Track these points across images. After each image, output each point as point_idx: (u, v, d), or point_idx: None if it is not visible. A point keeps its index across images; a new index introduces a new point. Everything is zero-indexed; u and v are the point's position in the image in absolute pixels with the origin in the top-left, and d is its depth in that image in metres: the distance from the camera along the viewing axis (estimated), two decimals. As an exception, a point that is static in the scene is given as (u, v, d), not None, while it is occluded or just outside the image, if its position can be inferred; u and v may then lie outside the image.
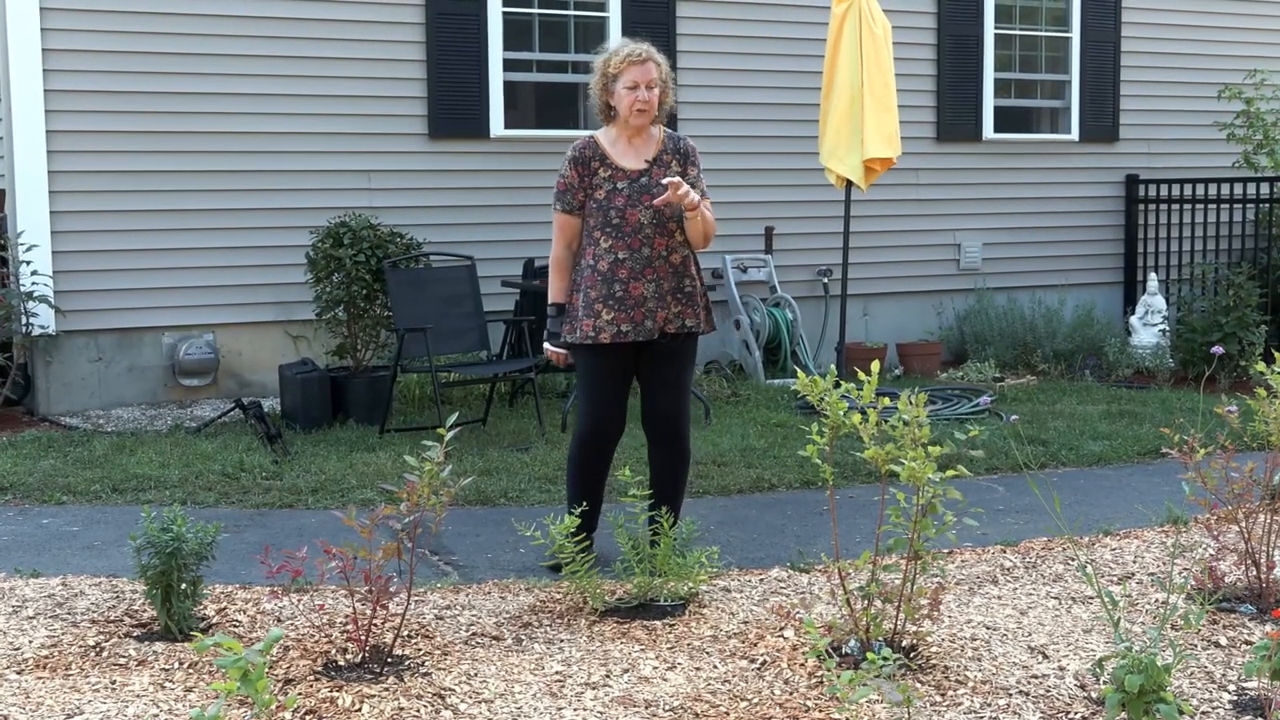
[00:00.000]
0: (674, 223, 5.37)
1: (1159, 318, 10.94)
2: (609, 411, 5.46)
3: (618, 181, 5.37)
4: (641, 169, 5.39)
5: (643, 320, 5.33)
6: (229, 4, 9.03)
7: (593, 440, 5.49)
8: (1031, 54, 11.93)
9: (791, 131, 10.39)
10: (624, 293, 5.32)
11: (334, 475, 7.11)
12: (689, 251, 5.45)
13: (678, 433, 5.52)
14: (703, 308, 5.51)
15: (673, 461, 5.51)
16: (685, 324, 5.41)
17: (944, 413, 8.67)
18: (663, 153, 5.43)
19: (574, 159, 5.43)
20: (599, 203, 5.37)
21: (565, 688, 4.21)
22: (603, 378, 5.43)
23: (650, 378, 5.50)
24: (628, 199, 5.35)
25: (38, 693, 4.12)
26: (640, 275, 5.33)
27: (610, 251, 5.35)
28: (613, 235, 5.35)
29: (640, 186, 5.36)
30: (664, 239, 5.36)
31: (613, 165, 5.40)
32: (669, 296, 5.38)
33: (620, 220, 5.34)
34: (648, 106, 5.35)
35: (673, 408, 5.49)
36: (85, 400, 8.87)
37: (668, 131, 5.52)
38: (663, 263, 5.36)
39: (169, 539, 4.52)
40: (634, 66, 5.36)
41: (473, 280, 8.72)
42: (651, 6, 10.24)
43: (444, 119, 9.67)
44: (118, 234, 8.87)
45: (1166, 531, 6.09)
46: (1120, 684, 3.71)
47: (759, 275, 10.60)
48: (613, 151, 5.43)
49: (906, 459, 4.23)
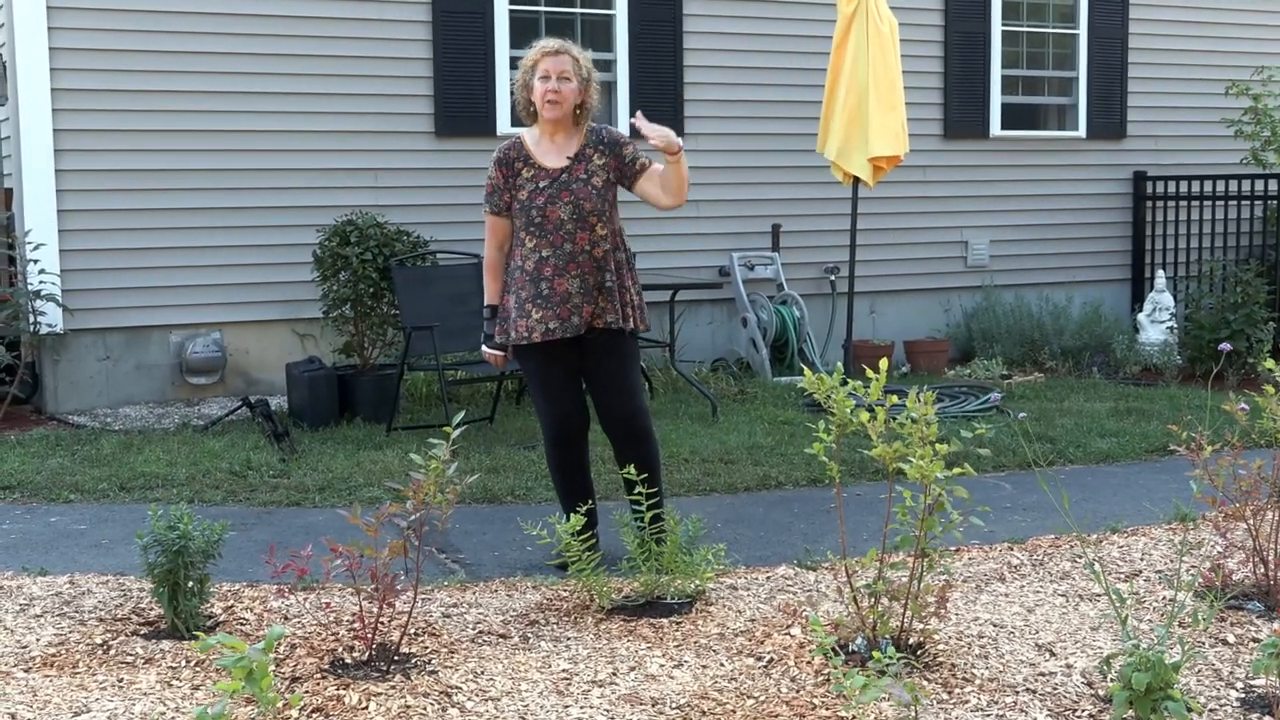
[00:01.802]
0: (594, 217, 5.36)
1: (1167, 315, 10.92)
2: (567, 407, 5.48)
3: (540, 181, 5.37)
4: (563, 166, 5.38)
5: (569, 316, 5.33)
6: (236, 3, 9.04)
7: (560, 437, 5.51)
8: (1039, 51, 11.91)
9: (799, 129, 10.37)
10: (550, 290, 5.33)
11: (341, 473, 7.11)
12: (610, 247, 5.42)
13: (636, 434, 5.47)
14: (627, 304, 5.44)
15: (640, 462, 5.33)
16: (607, 320, 5.38)
17: (951, 410, 8.67)
18: (584, 147, 5.42)
19: (498, 160, 5.44)
20: (522, 203, 5.38)
21: (572, 685, 4.21)
22: (549, 376, 5.45)
23: (594, 382, 5.50)
24: (548, 197, 5.35)
25: (45, 690, 4.13)
26: (564, 271, 5.33)
27: (535, 250, 5.36)
28: (536, 234, 5.35)
29: (560, 184, 5.36)
30: (585, 234, 5.35)
31: (535, 165, 5.40)
32: (594, 291, 5.37)
33: (542, 218, 5.34)
34: (558, 97, 5.32)
35: (625, 409, 5.46)
36: (93, 399, 8.89)
37: (592, 126, 5.50)
38: (586, 257, 5.35)
39: (176, 537, 4.52)
40: (547, 58, 5.36)
41: (479, 278, 8.69)
42: (658, 4, 10.23)
43: (451, 117, 9.67)
44: (125, 232, 8.88)
45: (1174, 529, 6.08)
46: (1128, 681, 3.70)
47: (766, 273, 10.59)
48: (536, 151, 5.43)
49: (914, 457, 4.22)
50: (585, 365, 5.47)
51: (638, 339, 5.59)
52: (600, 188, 5.38)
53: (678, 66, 10.30)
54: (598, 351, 5.43)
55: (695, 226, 10.26)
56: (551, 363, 5.43)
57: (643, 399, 5.55)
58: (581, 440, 5.55)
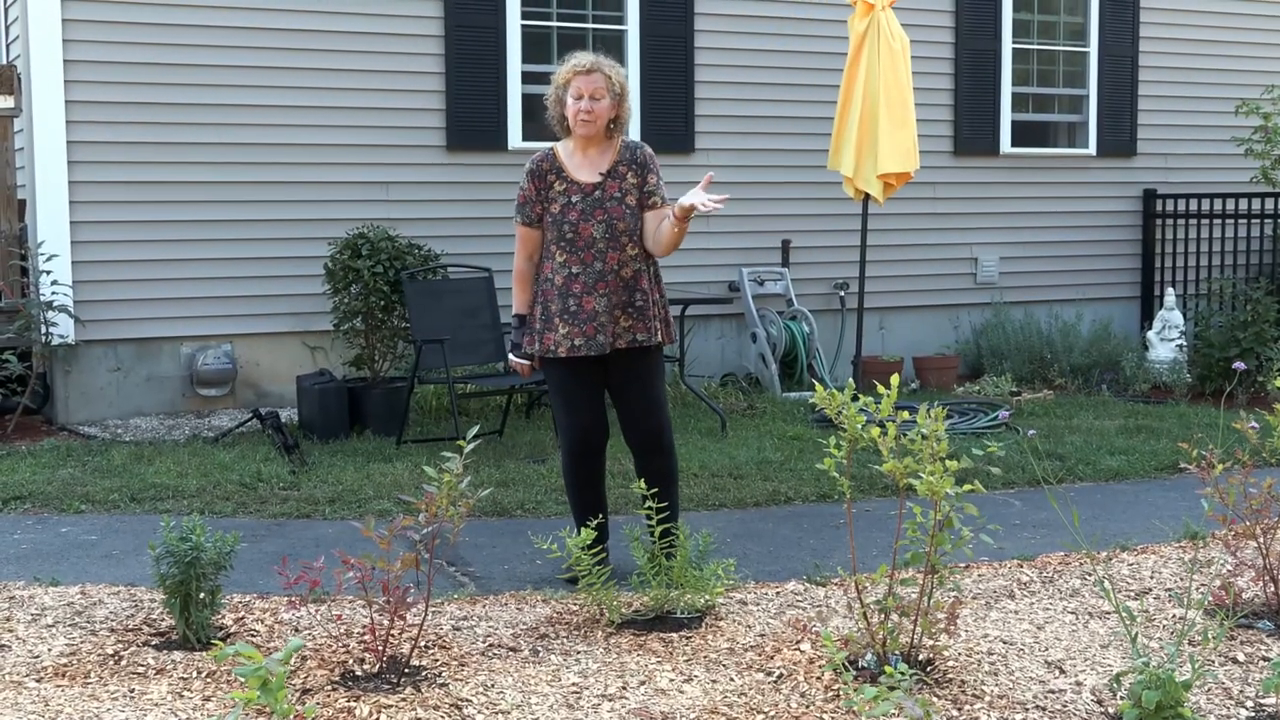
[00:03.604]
0: (625, 237, 5.37)
1: (1176, 333, 10.91)
2: (588, 421, 5.48)
3: (572, 195, 5.39)
4: (596, 182, 5.40)
5: (594, 335, 5.34)
6: (249, 16, 9.08)
7: (580, 452, 5.50)
8: (1049, 68, 11.93)
9: (809, 145, 10.39)
10: (577, 307, 5.34)
11: (351, 486, 7.13)
12: (641, 265, 5.43)
13: (659, 447, 5.50)
14: (657, 320, 5.47)
15: (661, 475, 5.41)
16: (636, 338, 5.40)
17: (961, 427, 8.67)
18: (618, 164, 5.43)
19: (531, 172, 5.45)
20: (554, 216, 5.39)
21: (582, 699, 4.21)
22: (573, 389, 5.45)
23: (620, 398, 5.50)
24: (581, 213, 5.36)
25: (56, 701, 4.14)
26: (593, 290, 5.34)
27: (565, 266, 5.37)
28: (567, 249, 5.37)
29: (594, 201, 5.37)
30: (616, 253, 5.36)
31: (568, 178, 5.41)
32: (617, 311, 5.37)
33: (574, 234, 5.35)
34: (590, 117, 5.34)
35: (649, 423, 5.48)
36: (104, 410, 8.91)
37: (625, 141, 5.51)
38: (614, 277, 5.37)
39: (188, 548, 4.53)
40: (579, 77, 5.37)
41: (490, 291, 8.74)
42: (670, 19, 10.26)
43: (462, 131, 9.69)
44: (137, 244, 8.91)
45: (1184, 547, 6.08)
46: (1138, 700, 3.70)
47: (776, 288, 10.60)
48: (569, 164, 5.44)
49: (925, 473, 4.22)
50: (611, 379, 5.48)
51: (663, 353, 5.60)
52: (633, 207, 5.40)
53: (689, 82, 10.33)
54: (625, 366, 5.45)
55: (705, 241, 10.27)
56: (577, 376, 5.43)
57: (667, 413, 5.57)
58: (600, 454, 5.56)
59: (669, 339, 5.55)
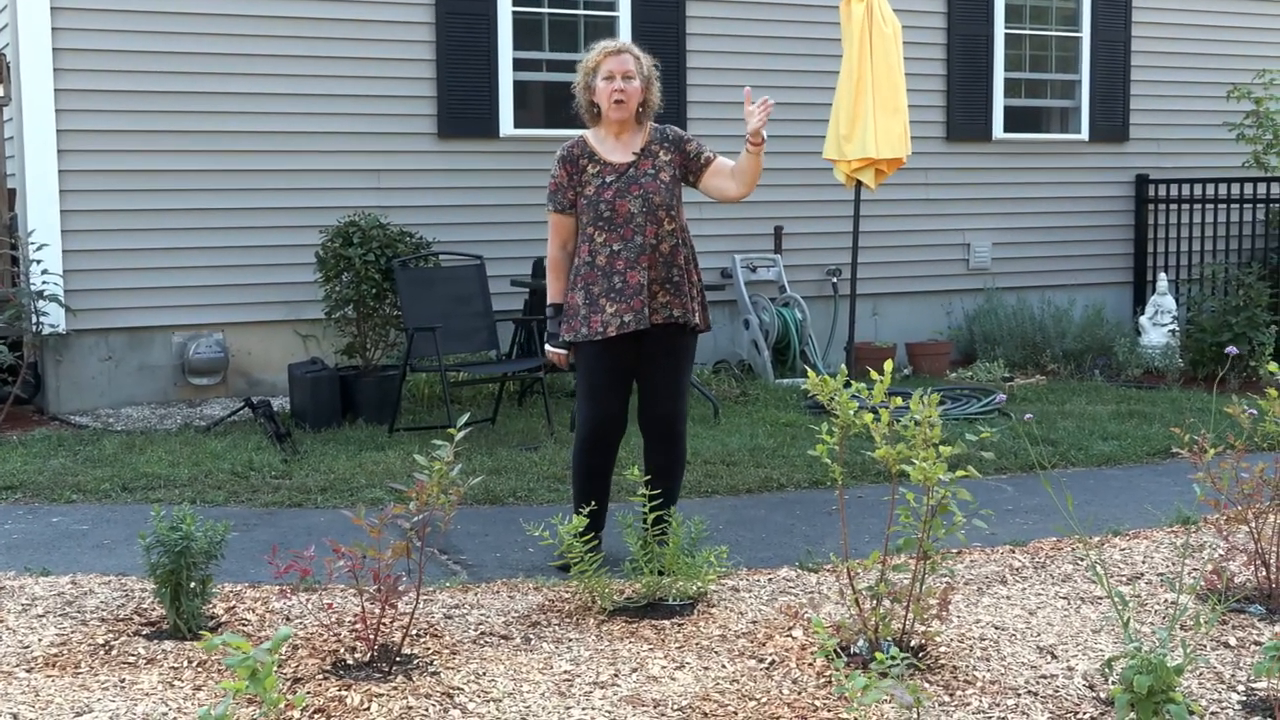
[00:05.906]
0: (662, 211, 5.38)
1: (1168, 318, 10.92)
2: (612, 411, 5.46)
3: (606, 176, 5.39)
4: (629, 161, 5.41)
5: (642, 308, 5.33)
6: (239, 4, 9.05)
7: (596, 441, 5.49)
8: (1042, 54, 11.91)
9: (801, 131, 10.37)
10: (623, 283, 5.33)
11: (343, 474, 7.12)
12: (677, 241, 5.45)
13: (674, 434, 5.51)
14: (694, 300, 5.48)
15: (669, 463, 5.48)
16: (672, 314, 5.39)
17: (954, 413, 8.67)
18: (650, 143, 5.46)
19: (563, 158, 5.46)
20: (589, 198, 5.39)
21: (574, 687, 4.21)
22: (606, 376, 5.43)
23: (647, 377, 5.49)
24: (616, 191, 5.36)
25: (47, 691, 4.13)
26: (636, 264, 5.34)
27: (605, 245, 5.37)
28: (605, 228, 5.36)
29: (628, 178, 5.38)
30: (654, 227, 5.37)
31: (601, 161, 5.42)
32: (655, 285, 5.38)
33: (611, 212, 5.35)
34: (624, 96, 5.36)
35: (669, 409, 5.48)
36: (95, 399, 8.89)
37: (654, 125, 5.53)
38: (653, 251, 5.38)
39: (178, 538, 4.52)
40: (610, 58, 5.39)
41: (482, 279, 8.73)
42: (661, 6, 10.24)
43: (454, 118, 9.67)
44: (128, 233, 8.89)
45: (1176, 532, 6.08)
46: (1129, 684, 3.70)
47: (768, 275, 10.59)
48: (601, 149, 5.46)
49: (918, 459, 4.22)
50: (642, 364, 5.46)
51: (696, 339, 5.58)
52: (668, 182, 5.41)
53: (680, 68, 10.31)
54: (658, 348, 5.43)
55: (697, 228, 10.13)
56: (613, 361, 5.40)
57: (686, 403, 5.57)
58: (613, 449, 5.54)
59: (705, 325, 5.54)
